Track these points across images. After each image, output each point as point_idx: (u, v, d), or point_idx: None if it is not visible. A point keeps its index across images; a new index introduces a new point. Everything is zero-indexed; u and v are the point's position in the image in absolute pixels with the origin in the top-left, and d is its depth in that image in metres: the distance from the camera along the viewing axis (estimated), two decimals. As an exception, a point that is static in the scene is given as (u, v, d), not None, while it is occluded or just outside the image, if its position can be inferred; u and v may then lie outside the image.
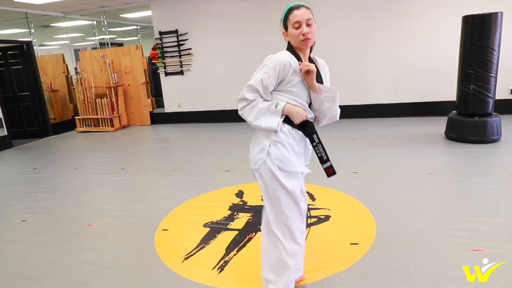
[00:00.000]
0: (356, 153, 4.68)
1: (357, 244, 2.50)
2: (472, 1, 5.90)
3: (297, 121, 1.71)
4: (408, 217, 2.83)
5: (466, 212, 2.83)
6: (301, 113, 1.71)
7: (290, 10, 1.68)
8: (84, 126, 7.93)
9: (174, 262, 2.47)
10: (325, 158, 1.80)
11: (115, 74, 7.70)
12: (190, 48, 7.43)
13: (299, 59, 1.73)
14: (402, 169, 3.97)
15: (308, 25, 1.65)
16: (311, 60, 1.80)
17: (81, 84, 7.77)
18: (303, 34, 1.64)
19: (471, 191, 3.22)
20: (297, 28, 1.65)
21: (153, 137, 6.93)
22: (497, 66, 4.59)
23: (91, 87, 7.72)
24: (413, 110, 6.63)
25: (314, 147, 1.80)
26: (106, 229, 3.05)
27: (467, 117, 4.72)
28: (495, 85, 4.63)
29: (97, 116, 7.75)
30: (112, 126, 7.71)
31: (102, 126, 7.80)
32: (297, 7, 1.67)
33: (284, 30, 1.75)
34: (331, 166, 1.82)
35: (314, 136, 1.78)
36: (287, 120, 1.73)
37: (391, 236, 2.55)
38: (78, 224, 3.19)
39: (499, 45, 4.51)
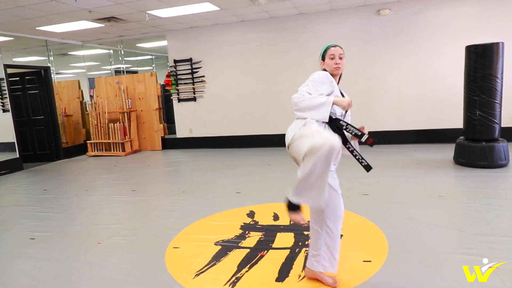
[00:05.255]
0: (366, 176, 4.68)
1: (370, 261, 2.52)
2: (474, 31, 6.11)
3: (346, 107, 2.08)
4: (420, 236, 2.84)
5: (477, 231, 2.84)
6: (348, 101, 2.07)
7: (328, 47, 2.25)
8: (96, 151, 8.10)
9: (185, 278, 2.49)
10: (359, 133, 2.06)
11: (129, 100, 7.95)
12: (204, 76, 7.69)
13: None
14: (412, 191, 4.00)
15: (340, 58, 2.20)
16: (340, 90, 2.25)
17: (95, 109, 8.00)
18: (336, 64, 2.19)
19: (481, 212, 3.24)
20: (332, 59, 2.20)
21: (164, 161, 7.04)
22: (501, 93, 4.70)
23: (105, 112, 7.95)
24: (421, 137, 6.70)
25: (345, 130, 2.08)
26: (116, 247, 3.08)
27: (475, 142, 4.78)
28: (500, 111, 4.72)
29: (109, 141, 7.92)
30: (124, 150, 7.87)
31: (114, 150, 7.96)
32: (334, 45, 2.24)
33: (322, 61, 2.29)
34: (369, 137, 2.05)
35: (341, 122, 2.10)
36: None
37: (403, 254, 2.57)
38: (87, 242, 3.22)
39: (502, 73, 4.64)
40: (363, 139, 2.04)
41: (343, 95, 2.24)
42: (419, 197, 3.79)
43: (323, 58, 2.27)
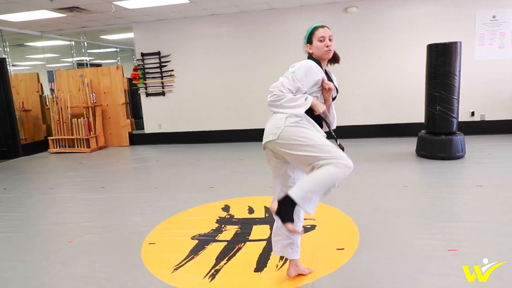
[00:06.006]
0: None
1: (343, 249, 2.64)
2: (435, 30, 6.46)
3: (320, 110, 2.00)
4: (388, 224, 3.01)
5: (439, 218, 3.05)
6: (323, 106, 2.02)
7: (316, 28, 2.07)
8: (58, 147, 7.76)
9: (164, 273, 2.48)
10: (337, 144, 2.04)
11: (94, 94, 7.67)
12: (173, 70, 7.57)
13: (319, 65, 2.06)
14: (379, 183, 4.20)
15: (330, 40, 2.03)
16: (327, 72, 2.13)
17: (57, 104, 7.66)
18: (327, 46, 2.02)
19: (442, 201, 3.48)
20: (321, 41, 2.02)
21: (132, 157, 6.89)
22: (459, 90, 5.01)
23: (67, 107, 7.63)
24: (385, 131, 7.01)
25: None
26: (89, 245, 3.00)
27: (435, 136, 5.07)
28: (458, 106, 5.04)
29: (73, 137, 7.62)
30: (89, 147, 7.60)
31: (78, 147, 7.67)
32: (322, 26, 2.06)
33: (308, 44, 2.10)
34: (339, 144, 2.05)
35: (323, 122, 2.11)
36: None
37: (374, 241, 2.71)
38: (57, 241, 3.11)
39: (459, 70, 4.96)
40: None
41: (331, 79, 2.12)
42: (386, 188, 4.00)
43: (309, 41, 2.08)
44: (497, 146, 5.68)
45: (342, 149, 1.98)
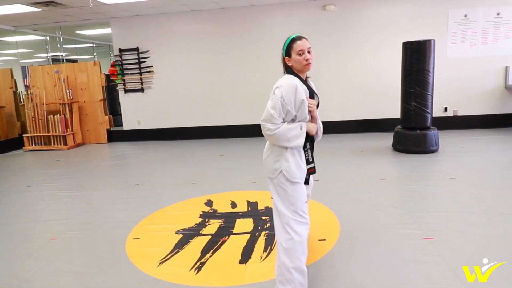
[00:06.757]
0: (316, 164, 4.98)
1: (325, 240, 2.73)
2: (410, 29, 6.67)
3: (314, 132, 2.08)
4: (367, 215, 3.13)
5: (415, 209, 3.20)
6: (315, 127, 2.11)
7: (293, 40, 1.97)
8: (34, 145, 7.55)
9: (149, 267, 2.51)
10: (311, 160, 2.15)
11: (70, 90, 7.50)
12: (152, 66, 7.49)
13: (301, 80, 2.01)
14: (358, 176, 4.33)
15: (309, 52, 1.96)
16: (307, 81, 2.09)
17: (32, 100, 7.45)
18: (306, 60, 1.95)
19: (417, 192, 3.63)
20: (300, 55, 1.95)
21: (111, 154, 6.79)
22: (433, 86, 5.22)
23: (43, 104, 7.43)
24: (362, 127, 7.19)
25: (305, 151, 2.09)
26: (72, 242, 2.98)
27: (410, 131, 5.26)
28: (432, 102, 5.25)
29: (49, 134, 7.44)
30: (66, 144, 7.44)
31: (55, 144, 7.49)
32: (299, 38, 1.98)
33: (286, 57, 2.01)
34: (313, 167, 2.18)
35: (308, 143, 2.10)
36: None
37: (354, 232, 2.82)
38: (38, 239, 3.08)
39: (433, 67, 5.15)
40: (309, 166, 2.15)
41: (314, 94, 2.08)
42: (364, 181, 4.13)
43: (288, 54, 1.99)
44: (469, 140, 5.94)
45: (312, 172, 2.18)
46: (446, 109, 6.92)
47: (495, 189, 3.61)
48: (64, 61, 8.62)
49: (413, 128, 5.25)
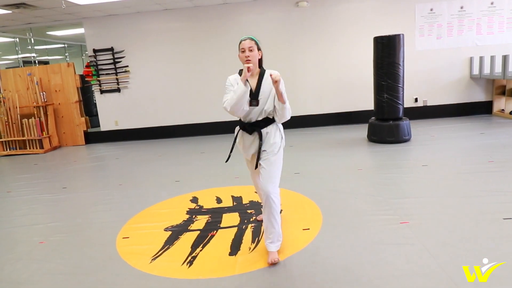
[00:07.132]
0: (296, 157, 5.16)
1: (309, 229, 2.89)
2: (380, 23, 6.92)
3: (246, 72, 2.30)
4: (347, 204, 3.31)
5: (391, 196, 3.41)
6: (246, 72, 2.30)
7: (240, 41, 2.44)
8: (8, 149, 7.36)
9: (142, 264, 2.58)
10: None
11: (44, 93, 7.34)
12: (127, 66, 7.43)
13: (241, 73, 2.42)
14: (336, 167, 4.53)
15: (250, 50, 2.38)
16: (261, 73, 2.48)
17: (4, 104, 7.24)
18: (246, 57, 2.38)
19: (392, 180, 3.86)
20: (243, 52, 2.40)
21: (91, 156, 6.72)
22: (403, 78, 5.47)
23: (16, 107, 7.24)
24: (338, 119, 7.42)
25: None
26: (61, 244, 3.00)
27: (383, 122, 5.51)
28: (403, 93, 5.51)
29: (24, 138, 7.27)
30: (42, 147, 7.29)
31: (30, 148, 7.33)
32: (245, 39, 2.42)
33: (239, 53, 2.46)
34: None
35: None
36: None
37: (335, 220, 2.99)
38: (27, 243, 3.08)
39: (403, 60, 5.41)
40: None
41: (260, 82, 2.45)
42: (342, 171, 4.33)
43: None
44: (439, 129, 6.27)
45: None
46: (416, 100, 7.25)
47: (464, 174, 3.88)
48: (36, 62, 8.40)
49: (386, 119, 5.50)
